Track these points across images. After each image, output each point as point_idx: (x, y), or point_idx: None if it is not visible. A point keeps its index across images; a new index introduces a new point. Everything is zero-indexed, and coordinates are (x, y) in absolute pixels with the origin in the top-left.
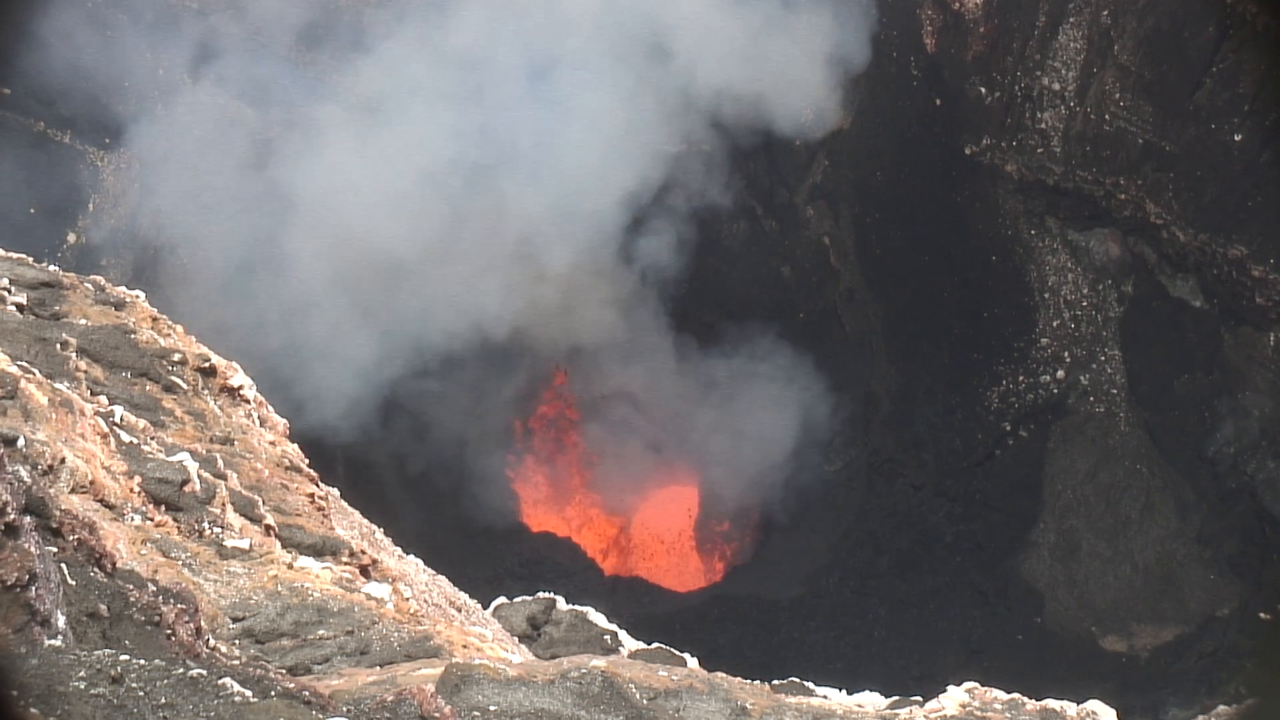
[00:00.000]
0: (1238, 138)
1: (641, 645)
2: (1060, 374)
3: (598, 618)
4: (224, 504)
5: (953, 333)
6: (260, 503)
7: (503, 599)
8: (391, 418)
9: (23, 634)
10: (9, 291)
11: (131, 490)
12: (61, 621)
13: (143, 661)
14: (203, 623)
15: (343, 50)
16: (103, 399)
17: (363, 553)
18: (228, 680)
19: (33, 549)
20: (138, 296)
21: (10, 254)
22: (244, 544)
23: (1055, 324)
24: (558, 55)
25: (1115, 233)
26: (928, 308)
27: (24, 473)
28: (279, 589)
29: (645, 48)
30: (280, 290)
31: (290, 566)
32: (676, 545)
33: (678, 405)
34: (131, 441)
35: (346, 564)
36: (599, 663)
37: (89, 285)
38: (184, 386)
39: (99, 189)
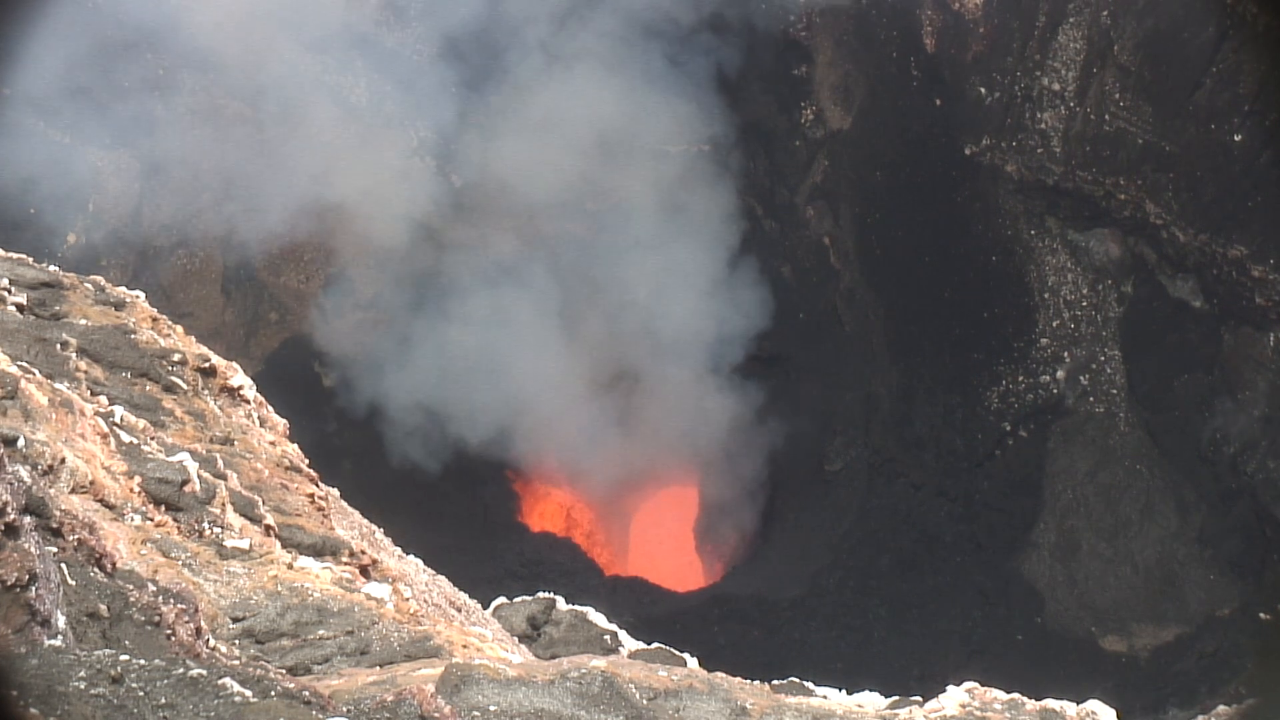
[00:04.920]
0: (1238, 138)
1: (641, 645)
2: (1060, 374)
3: (598, 618)
4: (224, 504)
5: (953, 333)
6: (260, 503)
7: (503, 599)
8: None
9: (23, 634)
10: (9, 291)
11: (131, 490)
12: (61, 621)
13: (143, 661)
14: (203, 623)
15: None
16: (103, 399)
17: (363, 553)
18: (228, 680)
19: (33, 549)
20: (138, 296)
21: (10, 254)
22: (244, 544)
23: (1055, 324)
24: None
25: (1115, 233)
26: (928, 308)
27: (24, 473)
28: (279, 589)
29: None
30: None
31: (290, 567)
32: (676, 545)
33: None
34: (131, 441)
35: (346, 564)
36: (599, 663)
37: (89, 285)
38: (184, 386)
39: (99, 189)
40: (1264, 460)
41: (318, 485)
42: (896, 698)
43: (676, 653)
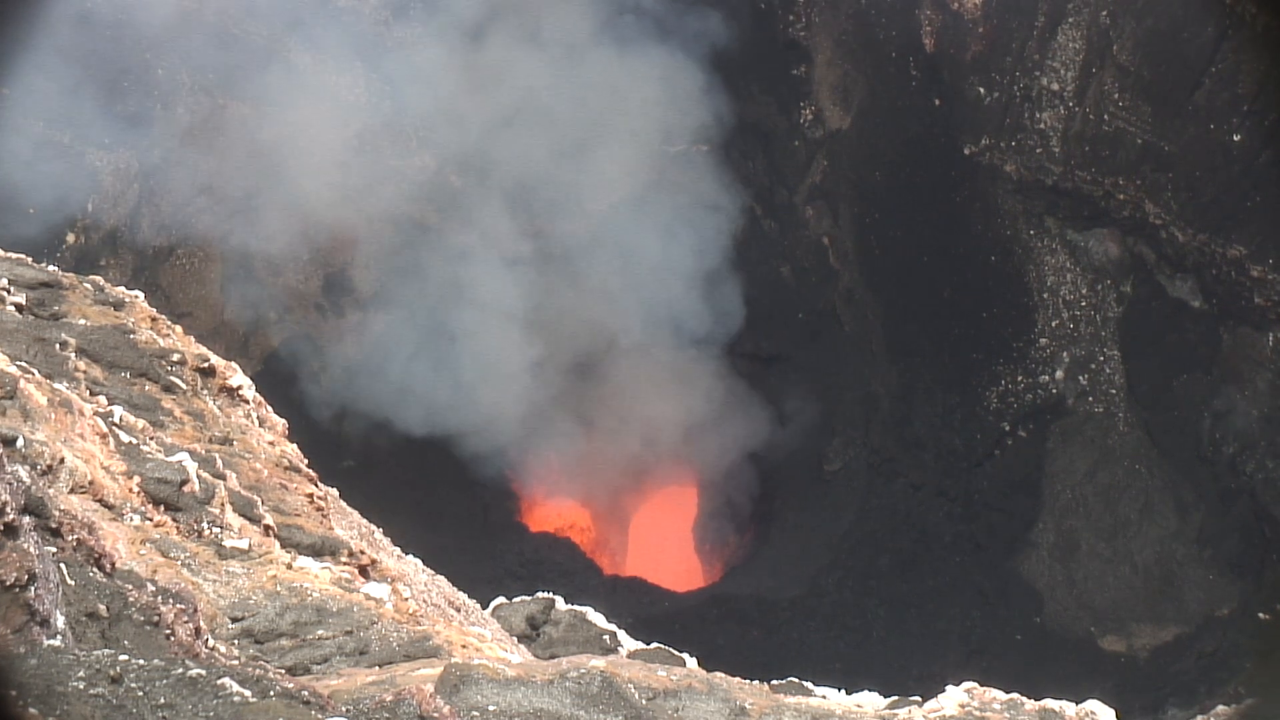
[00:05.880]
0: (1237, 138)
1: (640, 645)
2: (1059, 374)
3: (597, 618)
4: (223, 504)
5: (952, 333)
6: (259, 503)
7: (502, 599)
8: None
9: (22, 634)
10: (9, 291)
11: (131, 490)
12: (61, 621)
13: (142, 661)
14: (202, 623)
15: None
16: (102, 399)
17: (362, 553)
18: (227, 680)
19: (32, 549)
20: (137, 296)
21: (10, 254)
22: (243, 544)
23: (1054, 324)
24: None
25: (1114, 233)
26: (927, 308)
27: (23, 473)
28: (278, 589)
29: None
30: None
31: (289, 566)
32: (676, 545)
33: None
34: (131, 441)
35: (345, 564)
36: (598, 663)
37: (88, 285)
38: (183, 386)
39: (99, 189)
40: (1263, 460)
41: (317, 485)
42: (895, 698)
43: (676, 653)
